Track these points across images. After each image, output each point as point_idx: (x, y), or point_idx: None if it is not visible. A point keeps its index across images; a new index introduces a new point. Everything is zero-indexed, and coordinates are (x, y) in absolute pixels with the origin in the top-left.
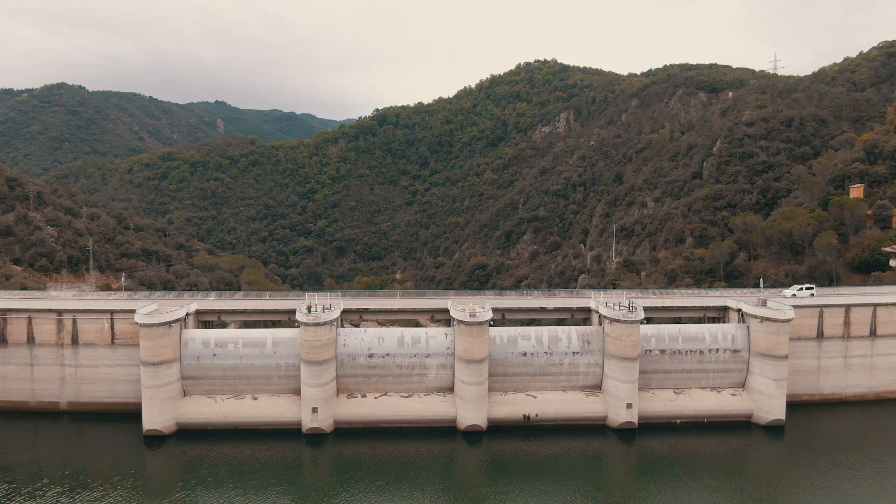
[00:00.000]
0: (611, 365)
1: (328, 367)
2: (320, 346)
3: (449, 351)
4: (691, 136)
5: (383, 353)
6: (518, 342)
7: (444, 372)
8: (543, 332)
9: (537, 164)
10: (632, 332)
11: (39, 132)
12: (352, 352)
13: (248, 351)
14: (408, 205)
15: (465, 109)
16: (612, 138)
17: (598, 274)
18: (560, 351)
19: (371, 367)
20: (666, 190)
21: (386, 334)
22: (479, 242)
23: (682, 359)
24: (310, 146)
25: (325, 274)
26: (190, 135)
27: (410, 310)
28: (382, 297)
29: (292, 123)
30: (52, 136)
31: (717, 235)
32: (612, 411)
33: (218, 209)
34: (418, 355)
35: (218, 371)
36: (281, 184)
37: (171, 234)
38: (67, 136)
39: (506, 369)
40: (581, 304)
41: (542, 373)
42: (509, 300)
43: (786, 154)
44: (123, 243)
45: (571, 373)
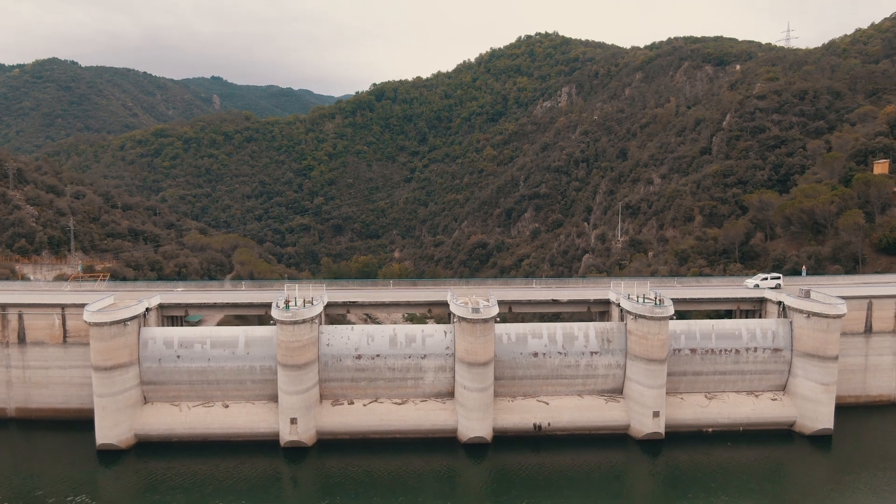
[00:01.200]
0: (634, 367)
1: (309, 372)
2: (299, 347)
3: (448, 351)
4: (698, 111)
5: (373, 354)
6: (528, 341)
7: (442, 375)
8: (557, 330)
9: (538, 139)
10: (660, 329)
11: (31, 108)
12: (337, 352)
13: (217, 352)
14: (406, 182)
15: (465, 84)
16: (616, 113)
17: (602, 254)
18: (576, 351)
19: (359, 370)
20: (673, 166)
21: (376, 332)
22: (478, 220)
23: (716, 359)
24: (306, 122)
25: (322, 252)
26: (186, 111)
27: (404, 303)
28: (373, 288)
29: (289, 99)
30: (45, 112)
31: (728, 213)
32: (636, 420)
33: (212, 186)
34: (413, 356)
35: (183, 375)
36: (276, 160)
37: (162, 212)
38: (60, 112)
39: (514, 372)
40: (599, 296)
41: (555, 375)
42: (516, 291)
43: (799, 128)
44: (109, 223)
45: (589, 375)
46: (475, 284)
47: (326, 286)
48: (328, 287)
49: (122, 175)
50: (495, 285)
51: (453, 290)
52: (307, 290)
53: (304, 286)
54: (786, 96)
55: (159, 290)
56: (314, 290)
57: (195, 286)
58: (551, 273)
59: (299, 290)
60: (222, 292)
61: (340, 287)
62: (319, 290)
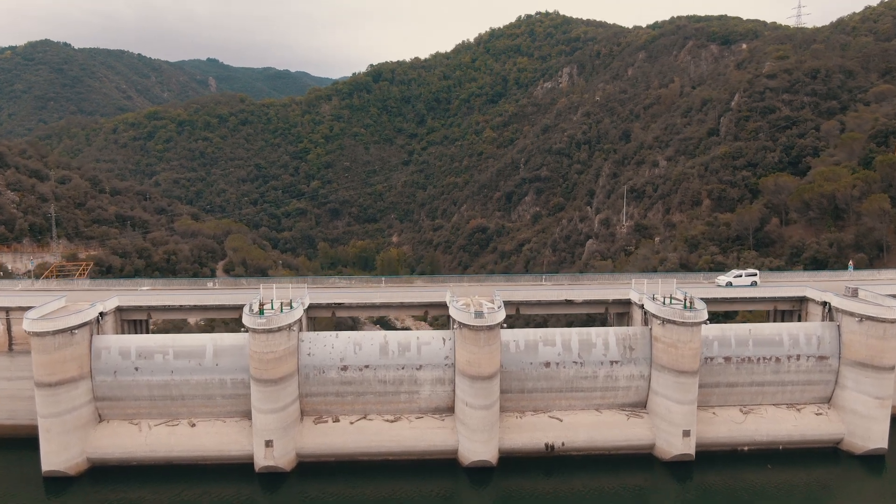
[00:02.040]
0: (661, 379)
1: (287, 386)
2: (275, 358)
3: (448, 361)
4: (705, 91)
5: (361, 365)
6: (539, 349)
7: (441, 388)
8: (572, 336)
9: (539, 121)
10: (691, 337)
11: (23, 91)
12: (320, 363)
13: (181, 363)
14: (404, 164)
15: (464, 65)
16: (619, 94)
17: (607, 239)
18: (594, 360)
19: (345, 384)
20: (679, 148)
21: (364, 340)
22: (478, 204)
23: (753, 368)
24: (302, 104)
25: (319, 237)
26: (181, 93)
27: (397, 304)
28: (362, 287)
29: (286, 81)
30: (37, 95)
31: (738, 197)
32: (663, 439)
33: (207, 170)
34: (407, 367)
35: (143, 390)
36: (272, 143)
37: (153, 197)
38: (52, 95)
39: (523, 384)
40: (619, 296)
41: (570, 388)
42: (524, 290)
43: (811, 109)
44: (95, 208)
45: (608, 388)
46: (477, 281)
47: (309, 285)
48: (311, 286)
49: (115, 159)
50: (500, 283)
51: (453, 289)
52: (286, 288)
53: (284, 285)
54: (797, 75)
55: (121, 289)
56: (295, 289)
57: (162, 284)
58: (553, 259)
59: (278, 290)
60: (191, 293)
61: (325, 286)
62: (301, 290)
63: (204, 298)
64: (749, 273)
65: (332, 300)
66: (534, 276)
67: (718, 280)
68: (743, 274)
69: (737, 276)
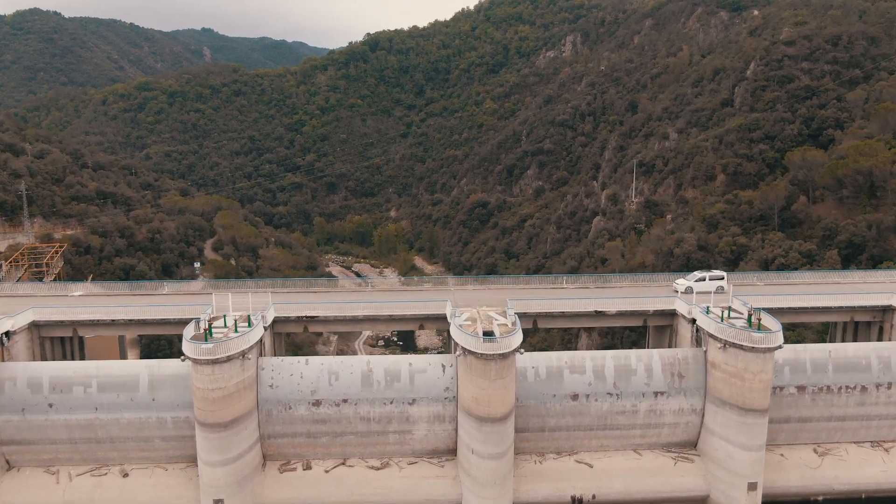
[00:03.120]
0: (720, 417)
1: (242, 430)
2: (224, 396)
3: (448, 394)
4: (716, 59)
5: (338, 399)
6: (564, 377)
7: (440, 427)
8: (606, 361)
9: (542, 91)
10: (763, 366)
11: (12, 61)
12: (285, 397)
13: (108, 398)
14: (402, 137)
15: (463, 33)
16: (624, 63)
17: (615, 216)
18: (633, 390)
19: (319, 422)
20: (690, 120)
21: (341, 367)
22: (478, 178)
23: (832, 400)
24: (297, 74)
25: (315, 212)
26: (175, 64)
27: (385, 317)
28: (344, 291)
29: (283, 51)
30: (26, 65)
31: (754, 172)
32: (720, 491)
33: (199, 143)
34: (397, 401)
35: (60, 431)
36: (266, 115)
37: (140, 172)
38: (42, 65)
39: (543, 421)
40: (661, 306)
41: (602, 426)
42: (542, 297)
43: (832, 77)
44: (74, 185)
45: (650, 424)
46: (484, 285)
47: (276, 290)
48: (279, 291)
49: (105, 131)
50: (511, 286)
51: (455, 295)
52: (245, 294)
53: (242, 293)
54: (817, 42)
55: (46, 295)
56: (256, 294)
57: (102, 288)
58: (557, 237)
59: (235, 295)
60: (131, 304)
61: (297, 290)
62: (263, 295)
63: (146, 311)
64: (714, 276)
65: (304, 312)
66: (553, 278)
67: (676, 284)
68: (707, 277)
69: (699, 280)
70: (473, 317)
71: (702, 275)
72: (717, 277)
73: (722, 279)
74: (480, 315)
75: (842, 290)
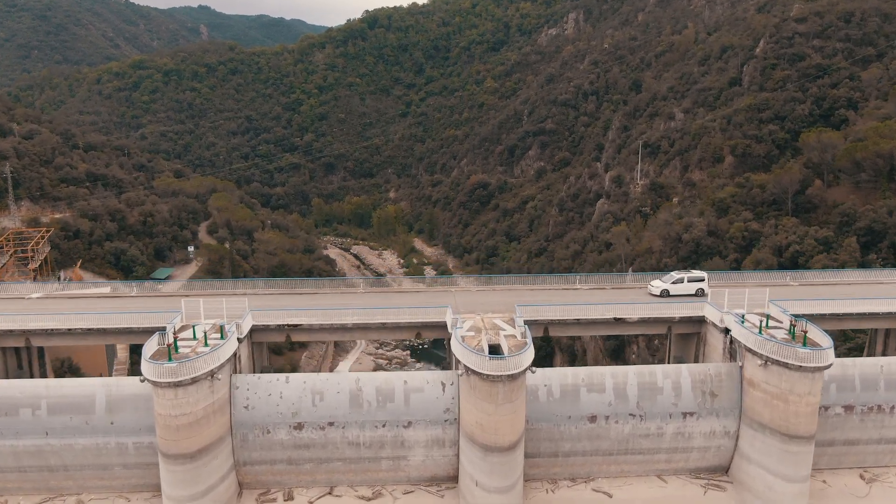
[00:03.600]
0: (758, 442)
1: (212, 459)
2: (191, 423)
3: (449, 416)
4: (723, 37)
5: (323, 422)
6: (581, 397)
7: (439, 452)
8: (629, 377)
9: (543, 70)
10: (811, 387)
11: (5, 39)
12: (263, 419)
13: (60, 420)
14: (402, 116)
15: (464, 10)
16: (628, 41)
17: (619, 199)
18: (659, 411)
19: (301, 447)
20: (697, 99)
21: (327, 386)
22: (479, 158)
23: (883, 420)
24: (294, 52)
25: (313, 193)
26: (171, 42)
27: (377, 325)
28: (332, 293)
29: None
30: (20, 43)
31: (764, 154)
32: None
33: (195, 122)
34: (390, 424)
35: (7, 458)
36: (263, 94)
37: (133, 153)
38: (36, 43)
39: (556, 445)
40: (689, 313)
41: (623, 450)
42: (554, 303)
43: (844, 55)
44: (64, 166)
45: (677, 449)
46: (488, 285)
47: (256, 293)
48: (258, 294)
49: (99, 111)
50: (519, 286)
51: (456, 297)
52: (218, 299)
53: (216, 297)
54: (829, 18)
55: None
56: (231, 299)
57: (66, 288)
58: (560, 219)
59: (207, 301)
60: (91, 311)
61: (280, 291)
62: (238, 300)
63: (107, 319)
64: (694, 277)
65: (285, 320)
66: (565, 278)
67: (651, 287)
68: (685, 278)
69: (676, 282)
70: (477, 326)
71: (680, 275)
72: (697, 279)
73: (702, 280)
74: (485, 323)
75: (885, 291)
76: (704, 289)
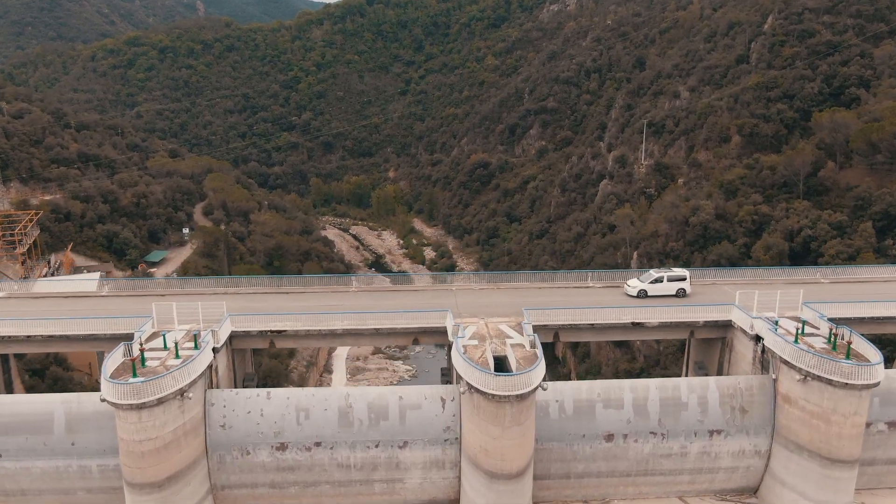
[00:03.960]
0: (794, 465)
1: (184, 487)
2: (158, 449)
3: (449, 434)
4: (730, 12)
5: (309, 442)
6: (596, 413)
7: (438, 475)
8: (649, 391)
9: (545, 47)
10: (857, 406)
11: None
12: (242, 439)
13: (14, 442)
14: (401, 94)
15: None
16: (632, 17)
17: (623, 179)
18: (683, 428)
19: (285, 470)
20: (703, 77)
21: (313, 402)
22: (479, 137)
23: None
24: (291, 29)
25: (312, 172)
26: (167, 18)
27: (371, 330)
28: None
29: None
30: (13, 19)
31: (772, 134)
32: None
33: (191, 101)
34: (384, 444)
35: None
36: (260, 72)
37: (127, 132)
38: (30, 19)
39: (569, 466)
40: (715, 316)
41: (643, 470)
42: (564, 306)
43: (855, 32)
44: (54, 146)
45: (702, 469)
46: (492, 283)
47: (236, 291)
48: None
49: (94, 88)
50: (526, 284)
51: (458, 298)
52: (191, 301)
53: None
54: None
55: None
56: (208, 302)
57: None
58: (562, 200)
59: (180, 306)
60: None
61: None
62: (216, 304)
63: (69, 325)
64: (674, 276)
65: (268, 326)
66: (577, 275)
67: (627, 287)
68: (665, 277)
69: (655, 282)
70: (481, 333)
71: (659, 274)
72: (678, 278)
73: (684, 280)
74: (489, 329)
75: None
76: (686, 289)
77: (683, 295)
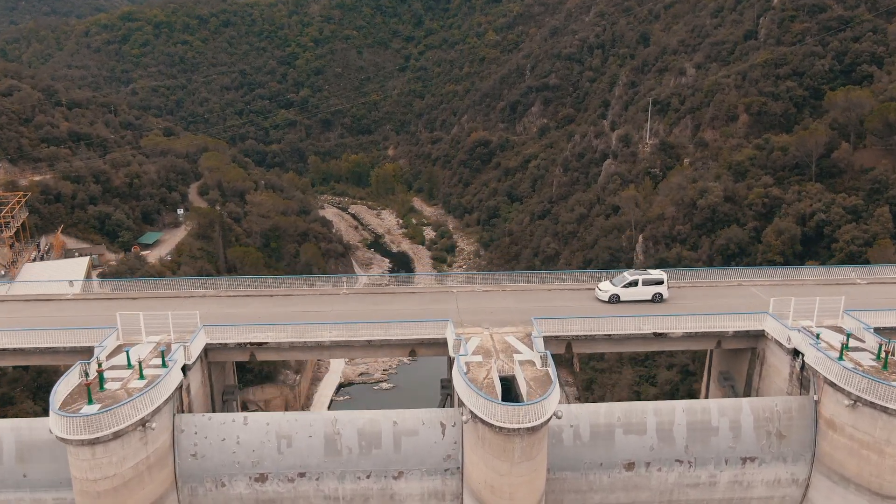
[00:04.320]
0: (838, 497)
1: None
2: (116, 488)
3: (450, 463)
4: None
5: (292, 473)
6: (616, 439)
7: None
8: (675, 413)
9: (547, 22)
10: None
11: None
12: (216, 469)
13: None
14: (400, 71)
15: None
16: None
17: (627, 159)
18: (713, 455)
19: (265, 502)
20: (710, 53)
21: (296, 428)
22: (479, 115)
23: None
24: (288, 3)
25: (310, 150)
26: None
27: (362, 342)
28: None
29: None
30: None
31: (780, 112)
32: None
33: (187, 77)
34: (377, 474)
35: None
36: (258, 48)
37: (121, 110)
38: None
39: (584, 498)
40: (746, 326)
41: (667, 501)
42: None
43: (867, 7)
44: (45, 125)
45: (732, 499)
46: (496, 284)
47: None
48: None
49: (88, 65)
50: (533, 286)
51: (459, 302)
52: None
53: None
54: None
55: None
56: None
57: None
58: (564, 180)
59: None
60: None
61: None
62: (187, 315)
63: (26, 337)
64: (650, 279)
65: (248, 337)
66: (590, 275)
67: (599, 291)
68: (640, 280)
69: (629, 285)
70: (485, 347)
71: (634, 277)
72: (655, 281)
73: (660, 283)
74: (495, 342)
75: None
76: (663, 293)
77: (660, 300)
